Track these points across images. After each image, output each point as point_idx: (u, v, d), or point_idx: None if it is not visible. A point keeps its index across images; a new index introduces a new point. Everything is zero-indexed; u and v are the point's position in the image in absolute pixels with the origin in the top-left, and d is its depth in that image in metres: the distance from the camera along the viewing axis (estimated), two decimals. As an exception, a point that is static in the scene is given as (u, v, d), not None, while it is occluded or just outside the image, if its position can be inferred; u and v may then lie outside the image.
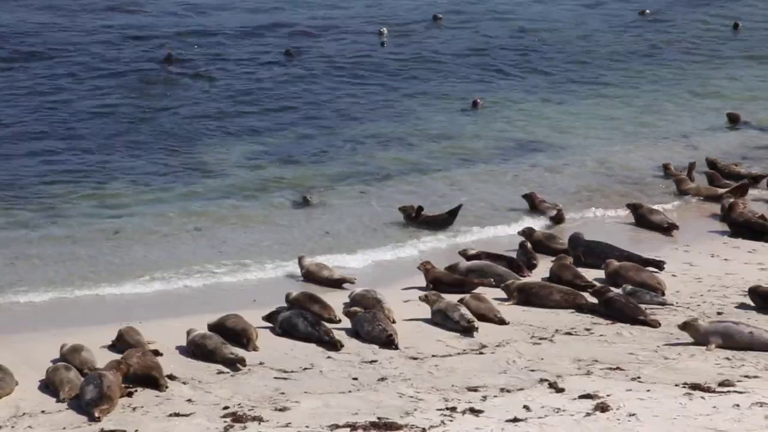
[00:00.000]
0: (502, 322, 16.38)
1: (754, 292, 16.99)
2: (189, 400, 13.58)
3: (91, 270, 19.03)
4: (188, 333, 15.34)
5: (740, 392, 13.23)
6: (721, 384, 13.61)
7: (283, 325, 15.95)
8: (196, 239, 20.63)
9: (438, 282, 18.05)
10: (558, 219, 21.75)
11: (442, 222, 21.39)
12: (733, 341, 15.28)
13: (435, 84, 32.57)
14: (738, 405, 12.72)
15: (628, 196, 23.33)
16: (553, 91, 32.10)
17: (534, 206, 22.29)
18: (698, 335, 15.43)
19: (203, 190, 23.24)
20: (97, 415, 12.96)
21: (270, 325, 16.16)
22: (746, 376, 13.99)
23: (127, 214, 21.75)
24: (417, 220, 21.36)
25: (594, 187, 24.32)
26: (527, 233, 20.27)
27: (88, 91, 30.83)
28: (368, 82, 32.67)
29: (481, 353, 15.22)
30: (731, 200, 21.80)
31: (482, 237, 20.94)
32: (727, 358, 14.76)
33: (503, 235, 21.00)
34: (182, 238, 20.64)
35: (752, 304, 16.95)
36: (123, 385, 13.71)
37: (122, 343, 15.13)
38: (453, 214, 21.49)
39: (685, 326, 15.54)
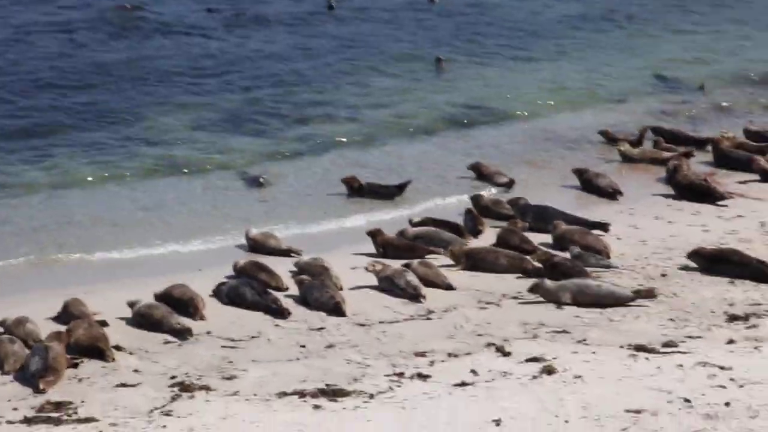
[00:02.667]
0: (449, 287, 16.44)
1: (698, 254, 17.13)
2: (136, 371, 13.51)
3: (32, 239, 18.87)
4: (133, 303, 15.26)
5: (684, 353, 13.39)
6: (665, 345, 13.77)
7: (229, 294, 15.90)
8: (141, 211, 20.47)
9: (388, 246, 18.06)
10: (509, 186, 21.80)
11: (389, 194, 21.34)
12: (583, 296, 15.57)
13: (387, 48, 32.55)
14: (681, 365, 12.88)
15: (572, 160, 23.49)
16: (499, 57, 32.24)
17: (482, 175, 22.32)
18: (549, 294, 15.65)
19: (146, 161, 23.04)
20: (42, 386, 12.85)
21: (217, 293, 16.10)
22: (689, 337, 14.16)
23: (66, 185, 21.54)
24: (360, 191, 21.29)
25: (538, 152, 24.46)
26: (475, 199, 20.34)
27: (29, 46, 30.51)
28: (317, 46, 32.54)
29: (428, 319, 15.28)
30: (676, 162, 21.98)
31: (429, 207, 20.87)
32: (671, 320, 14.93)
33: (452, 204, 20.95)
34: (127, 211, 20.45)
35: (694, 265, 17.12)
36: (69, 357, 13.62)
37: (67, 314, 15.01)
38: (401, 188, 21.43)
39: (534, 288, 15.72)
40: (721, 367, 12.73)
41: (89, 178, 22.05)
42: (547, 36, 35.07)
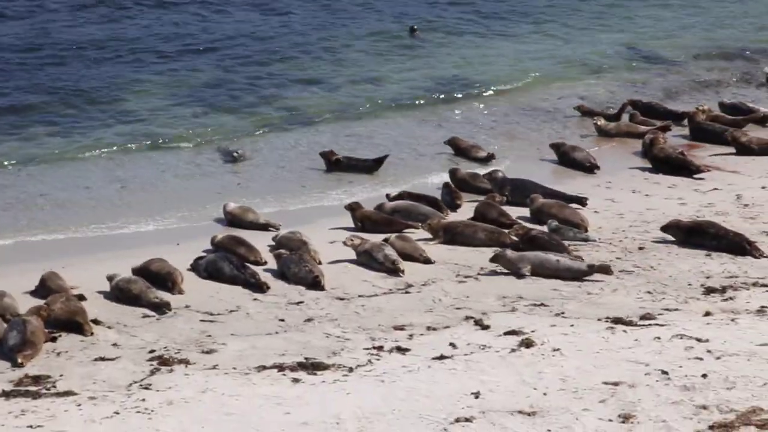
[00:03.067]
0: (427, 261, 16.46)
1: (675, 227, 17.20)
2: (114, 345, 13.50)
3: (8, 214, 18.79)
4: (112, 278, 15.21)
5: (661, 325, 13.47)
6: (643, 317, 13.85)
7: (208, 268, 15.88)
8: (117, 186, 20.38)
9: (367, 220, 18.07)
10: (486, 160, 21.80)
11: (367, 168, 21.31)
12: (542, 268, 15.73)
13: (362, 23, 32.45)
14: (659, 338, 12.95)
15: (549, 134, 23.56)
16: (474, 31, 32.23)
17: (459, 150, 22.31)
18: (510, 264, 15.78)
19: (123, 137, 22.91)
20: (20, 360, 12.81)
21: (196, 268, 16.07)
22: (667, 309, 14.24)
23: (41, 161, 21.42)
24: (338, 165, 21.26)
25: (515, 126, 24.52)
26: (452, 173, 20.36)
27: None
28: (292, 22, 32.41)
29: (407, 292, 15.31)
30: (652, 136, 22.05)
31: (409, 182, 20.85)
32: (649, 292, 15.01)
33: (434, 181, 20.87)
34: (103, 187, 20.35)
35: (671, 238, 17.20)
36: (47, 331, 13.59)
37: (45, 288, 14.96)
38: (379, 162, 21.40)
39: (495, 258, 15.85)
40: (698, 340, 12.81)
41: (65, 154, 21.95)
42: (522, 9, 35.05)
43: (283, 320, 14.31)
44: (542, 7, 35.34)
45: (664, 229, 17.25)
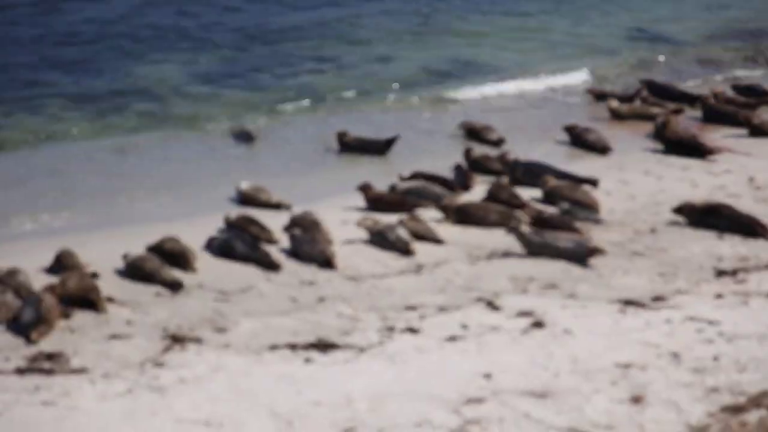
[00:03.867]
0: (438, 241, 16.50)
1: (688, 208, 17.18)
2: (128, 322, 13.59)
3: (22, 191, 18.89)
4: (126, 256, 15.29)
5: (672, 307, 13.52)
6: (654, 299, 13.90)
7: (221, 246, 15.95)
8: (130, 163, 20.46)
9: (378, 201, 18.09)
10: (499, 143, 21.77)
11: (377, 149, 21.29)
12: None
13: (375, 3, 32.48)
14: (670, 320, 13.00)
15: (562, 115, 23.55)
16: (486, 14, 32.20)
17: (472, 132, 22.28)
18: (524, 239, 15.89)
19: (137, 115, 22.96)
20: (34, 337, 12.93)
21: (209, 247, 16.14)
22: (678, 292, 14.28)
23: (55, 138, 21.50)
24: (349, 146, 21.24)
25: (528, 108, 24.55)
26: (465, 152, 20.38)
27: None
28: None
29: (419, 273, 15.35)
30: (665, 118, 22.02)
31: (421, 163, 20.81)
32: (660, 274, 15.04)
33: (445, 162, 20.81)
34: (117, 164, 20.40)
35: (683, 220, 17.20)
36: (60, 307, 13.67)
37: (59, 265, 15.04)
38: (389, 143, 21.37)
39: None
40: (710, 322, 12.86)
41: (77, 131, 22.03)
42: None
43: (295, 300, 14.38)
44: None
45: (677, 210, 17.25)
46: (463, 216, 17.47)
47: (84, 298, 13.98)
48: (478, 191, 18.78)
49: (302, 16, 30.96)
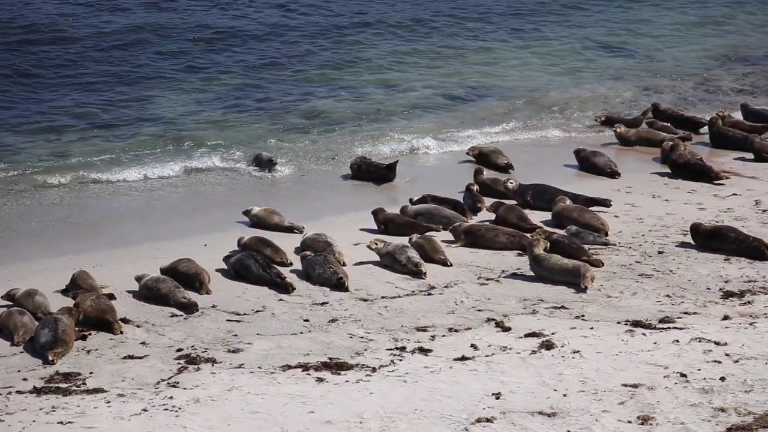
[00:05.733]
0: (445, 264, 16.67)
1: (695, 230, 17.40)
2: (143, 343, 13.76)
3: (39, 213, 19.08)
4: (141, 277, 15.49)
5: (680, 328, 13.65)
6: (662, 321, 14.03)
7: (235, 267, 16.13)
8: (148, 187, 20.64)
9: (389, 223, 18.29)
10: (506, 169, 21.91)
11: (381, 175, 21.44)
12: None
13: (387, 23, 32.67)
14: (678, 341, 13.13)
15: (569, 138, 23.74)
16: (495, 35, 32.37)
17: (481, 155, 22.38)
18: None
19: (150, 138, 23.13)
20: (51, 358, 13.10)
21: (222, 268, 16.32)
22: (686, 313, 14.42)
23: (73, 160, 21.69)
24: (356, 169, 21.40)
25: (536, 130, 24.70)
26: (475, 173, 20.57)
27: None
28: (314, 20, 32.62)
29: (429, 294, 15.52)
30: (672, 142, 22.19)
31: (430, 186, 20.90)
32: (668, 296, 15.19)
33: (454, 184, 20.84)
34: (133, 187, 20.59)
35: (690, 242, 17.38)
36: (77, 329, 13.86)
37: (76, 287, 15.23)
38: (391, 168, 21.50)
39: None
40: (717, 343, 12.99)
41: (89, 153, 22.19)
42: (538, 13, 35.16)
43: (307, 320, 14.55)
44: (558, 12, 35.42)
45: (691, 230, 17.41)
46: (472, 238, 17.65)
47: (100, 320, 14.17)
48: (487, 213, 18.94)
49: (312, 42, 31.12)
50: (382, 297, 15.41)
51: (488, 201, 19.45)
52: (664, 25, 34.44)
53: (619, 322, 14.02)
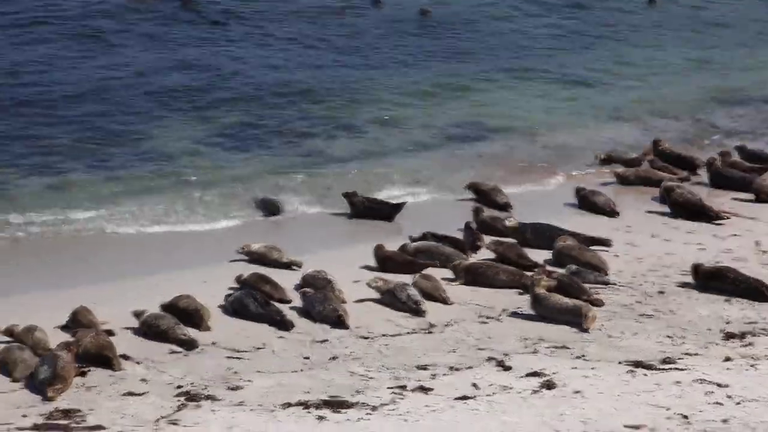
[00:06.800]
0: (445, 302, 16.67)
1: (696, 270, 17.43)
2: (143, 380, 13.73)
3: (42, 252, 19.09)
4: (140, 314, 15.47)
5: (681, 369, 13.64)
6: (663, 361, 14.03)
7: (234, 305, 16.12)
8: (148, 226, 20.56)
9: (389, 261, 18.29)
10: (506, 207, 21.92)
11: (384, 214, 21.37)
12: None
13: (387, 62, 32.88)
14: (679, 382, 13.13)
15: (569, 177, 23.82)
16: (496, 74, 32.47)
17: (479, 193, 22.44)
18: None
19: (149, 177, 23.14)
20: (50, 394, 13.05)
21: (223, 305, 16.30)
22: (687, 354, 14.42)
23: (70, 197, 21.72)
24: (357, 206, 21.36)
25: (536, 169, 24.75)
26: (474, 212, 20.61)
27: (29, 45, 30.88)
28: (320, 56, 32.84)
29: (430, 332, 15.51)
30: (670, 183, 22.24)
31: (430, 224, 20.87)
32: (669, 337, 15.19)
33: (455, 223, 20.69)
34: (132, 227, 20.49)
35: (691, 282, 17.38)
36: (77, 365, 13.83)
37: (76, 323, 15.21)
38: (396, 208, 21.46)
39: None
40: (719, 384, 12.99)
41: (89, 189, 22.18)
42: (541, 53, 35.32)
43: (307, 358, 14.53)
44: (560, 52, 35.60)
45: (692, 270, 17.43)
46: (473, 276, 17.66)
47: (100, 356, 14.14)
48: (487, 251, 18.95)
49: (314, 77, 31.23)
50: (383, 335, 15.39)
51: (488, 239, 19.44)
52: (662, 65, 34.57)
53: (620, 363, 14.01)
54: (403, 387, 13.28)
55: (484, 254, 18.94)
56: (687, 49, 36.86)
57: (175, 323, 15.15)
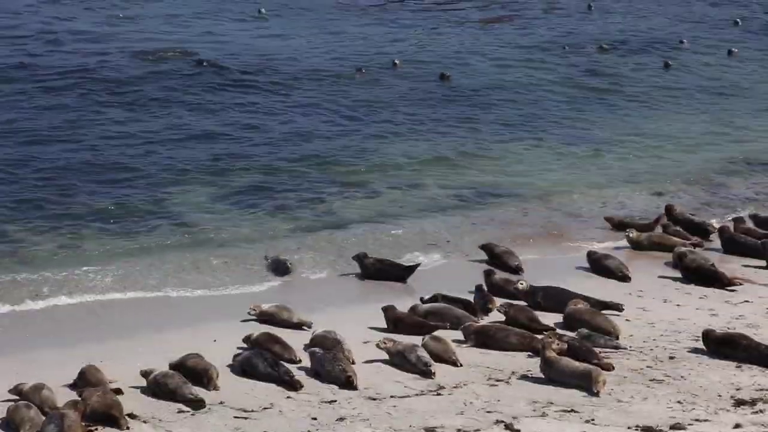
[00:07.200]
0: (455, 364, 16.62)
1: (707, 336, 17.36)
2: (149, 439, 13.75)
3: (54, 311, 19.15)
4: (148, 372, 15.46)
5: (691, 435, 13.58)
6: (673, 427, 13.94)
7: (243, 364, 16.11)
8: (158, 285, 20.59)
9: (399, 322, 18.28)
10: (517, 271, 21.89)
11: (397, 275, 21.40)
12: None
13: (403, 123, 33.11)
14: (689, 447, 13.05)
15: (582, 241, 23.80)
16: (509, 138, 32.59)
17: (493, 255, 22.45)
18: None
19: (162, 237, 23.20)
20: (57, 453, 13.06)
21: (231, 364, 16.27)
22: (697, 420, 14.32)
23: (81, 254, 21.82)
24: (369, 268, 21.38)
25: (549, 233, 24.72)
26: (486, 274, 20.60)
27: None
28: (327, 120, 33.04)
29: (438, 394, 15.45)
30: (683, 249, 22.20)
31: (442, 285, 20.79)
32: (679, 402, 15.08)
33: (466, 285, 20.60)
34: (142, 285, 20.53)
35: (702, 348, 17.31)
36: (83, 424, 13.80)
37: (84, 381, 15.21)
38: (409, 270, 21.49)
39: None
40: (728, 451, 12.90)
41: (103, 248, 22.26)
42: (556, 118, 35.41)
43: (315, 419, 14.48)
44: (573, 115, 35.72)
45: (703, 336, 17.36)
46: (483, 338, 17.62)
47: (106, 415, 14.12)
48: (498, 314, 18.91)
49: (330, 139, 31.39)
50: (391, 396, 15.33)
51: (499, 301, 19.41)
52: (677, 130, 34.59)
53: (629, 427, 13.93)
54: (411, 449, 13.23)
55: (495, 317, 18.90)
56: (702, 114, 36.89)
57: (183, 382, 15.14)
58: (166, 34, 44.71)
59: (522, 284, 20.02)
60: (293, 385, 15.57)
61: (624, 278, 21.49)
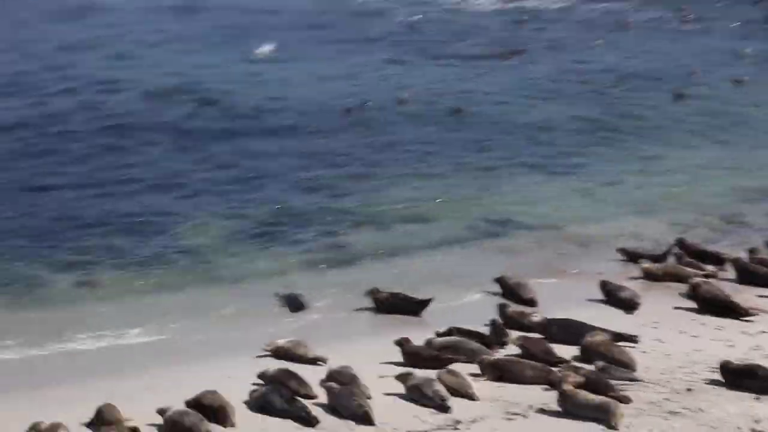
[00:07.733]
0: (471, 398, 16.57)
1: (724, 368, 17.29)
2: (166, 476, 13.71)
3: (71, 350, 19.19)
4: (165, 410, 15.45)
5: (711, 468, 13.51)
6: (691, 460, 13.89)
7: (259, 401, 16.09)
8: (174, 321, 20.63)
9: (415, 356, 18.25)
10: (530, 304, 21.85)
11: (411, 309, 21.37)
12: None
13: (415, 156, 33.17)
14: (708, 480, 12.98)
15: (595, 273, 23.76)
16: (521, 168, 32.61)
17: (506, 288, 22.44)
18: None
19: (176, 271, 23.26)
20: (75, 491, 13.07)
21: (247, 401, 16.25)
22: (718, 453, 14.28)
23: (94, 291, 21.84)
24: (382, 302, 21.38)
25: (563, 264, 24.67)
26: (500, 307, 20.56)
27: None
28: (340, 155, 33.15)
29: (456, 429, 15.42)
30: (697, 280, 22.13)
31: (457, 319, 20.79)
32: (699, 435, 15.05)
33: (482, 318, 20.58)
34: (159, 322, 20.54)
35: (722, 379, 17.24)
36: (101, 462, 13.83)
37: (100, 420, 15.20)
38: (423, 304, 21.49)
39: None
40: (748, 483, 12.83)
41: (119, 286, 22.31)
42: (568, 149, 35.41)
43: (332, 454, 14.47)
44: (590, 146, 35.75)
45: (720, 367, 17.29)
46: (499, 372, 17.58)
47: (122, 453, 14.14)
48: (513, 347, 18.87)
49: (341, 174, 31.46)
50: (408, 431, 15.28)
51: (514, 334, 19.36)
52: (689, 160, 34.56)
53: (648, 461, 13.86)
54: (429, 484, 13.18)
55: (510, 350, 18.85)
56: (715, 144, 36.85)
57: (199, 420, 15.14)
58: (176, 75, 44.69)
59: (537, 317, 19.98)
60: (310, 421, 15.56)
61: (637, 307, 21.37)
